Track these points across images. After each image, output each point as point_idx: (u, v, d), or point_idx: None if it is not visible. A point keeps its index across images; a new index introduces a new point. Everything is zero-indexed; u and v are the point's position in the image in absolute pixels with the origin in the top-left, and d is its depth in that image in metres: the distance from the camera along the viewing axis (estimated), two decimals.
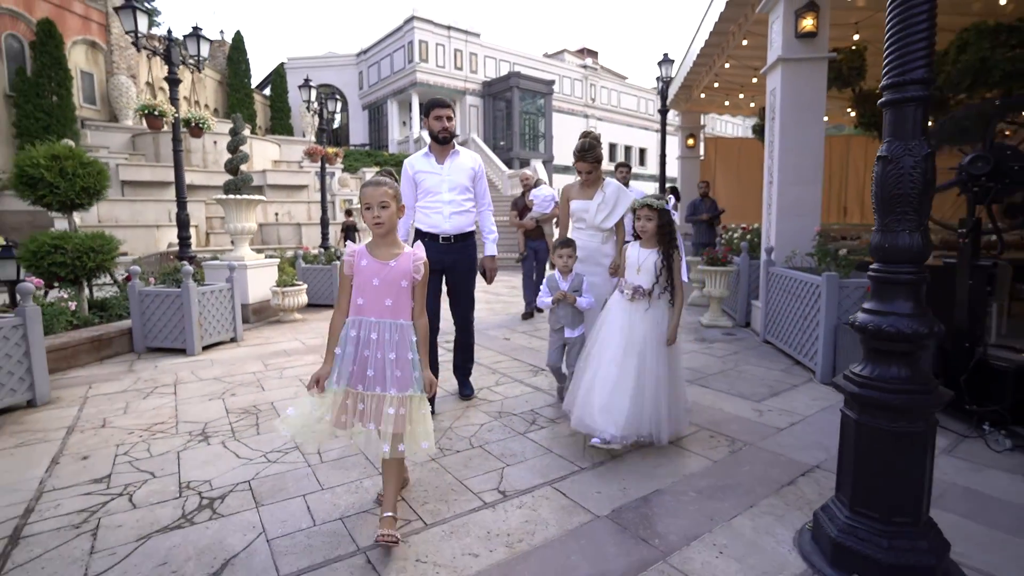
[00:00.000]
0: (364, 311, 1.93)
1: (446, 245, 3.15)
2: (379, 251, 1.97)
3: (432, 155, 3.19)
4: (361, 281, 1.94)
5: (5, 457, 2.66)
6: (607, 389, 2.53)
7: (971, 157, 2.76)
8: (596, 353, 2.66)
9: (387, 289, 1.92)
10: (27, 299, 3.41)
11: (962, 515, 2.06)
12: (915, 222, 1.58)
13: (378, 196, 1.92)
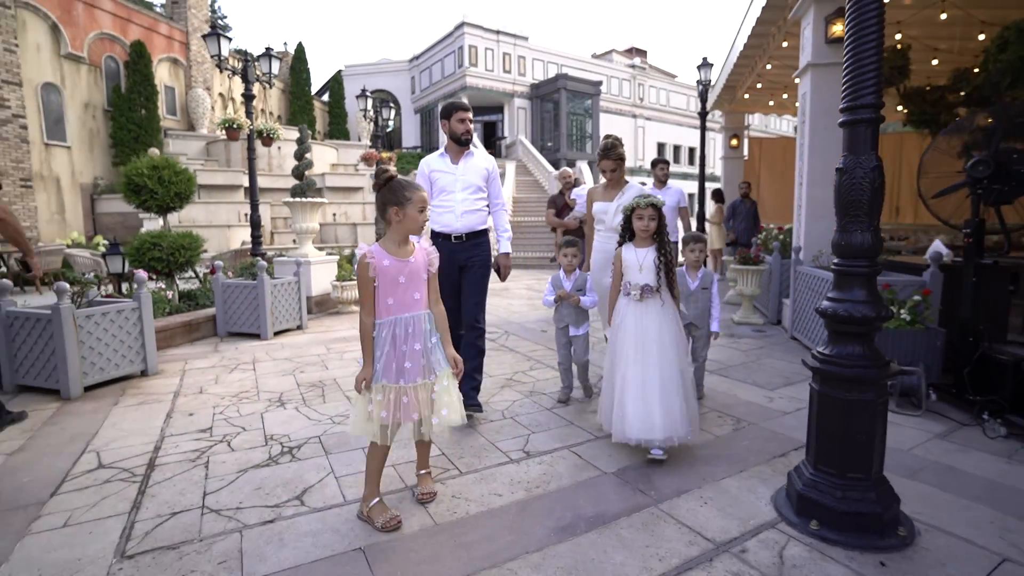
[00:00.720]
0: (394, 310, 2.01)
1: (458, 244, 3.19)
2: (398, 250, 2.03)
3: (448, 155, 3.25)
4: (387, 281, 1.99)
5: (132, 411, 3.32)
6: (638, 397, 2.51)
7: (974, 161, 2.94)
8: (620, 363, 2.62)
9: (413, 284, 2.03)
10: (141, 286, 4.12)
11: (934, 486, 2.30)
12: (867, 223, 1.87)
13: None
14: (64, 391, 3.55)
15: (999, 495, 2.21)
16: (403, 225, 2.04)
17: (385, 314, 2.00)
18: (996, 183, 2.92)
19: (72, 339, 3.54)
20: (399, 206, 2.02)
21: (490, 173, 3.30)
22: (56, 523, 2.07)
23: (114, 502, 2.22)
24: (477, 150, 3.33)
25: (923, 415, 3.10)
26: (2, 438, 2.90)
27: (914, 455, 2.61)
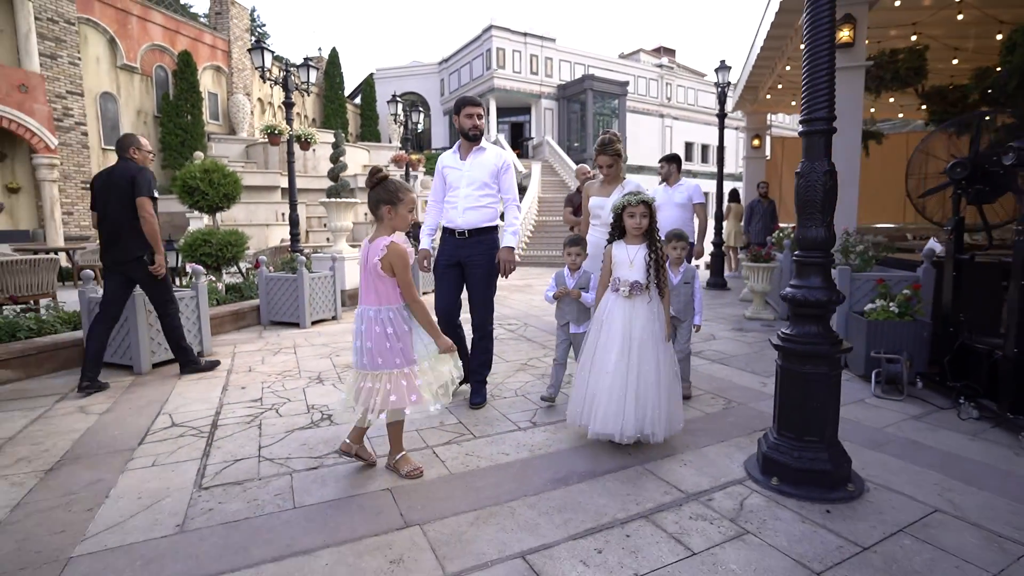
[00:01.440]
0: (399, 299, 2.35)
1: (461, 240, 3.22)
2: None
3: (459, 151, 3.30)
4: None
5: (194, 384, 3.82)
6: (615, 394, 2.54)
7: (952, 163, 3.16)
8: (600, 359, 2.63)
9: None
10: (199, 277, 4.65)
11: (895, 456, 2.57)
12: (821, 220, 2.17)
13: (415, 201, 2.37)
14: (136, 367, 4.09)
15: (950, 463, 2.46)
16: (393, 223, 2.24)
17: (398, 301, 2.30)
18: (974, 184, 3.13)
19: (143, 322, 4.08)
20: (392, 205, 2.22)
21: (500, 168, 3.28)
22: (146, 463, 2.54)
23: (188, 451, 2.69)
24: (491, 146, 3.33)
25: (905, 400, 3.34)
26: (91, 402, 3.43)
27: (885, 432, 2.87)
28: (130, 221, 3.77)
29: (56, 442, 2.80)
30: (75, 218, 13.58)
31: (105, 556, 1.83)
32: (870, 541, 1.88)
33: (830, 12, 2.11)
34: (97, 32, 14.76)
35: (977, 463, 2.48)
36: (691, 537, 1.93)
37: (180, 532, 1.98)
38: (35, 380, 3.93)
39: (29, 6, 12.06)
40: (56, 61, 13.04)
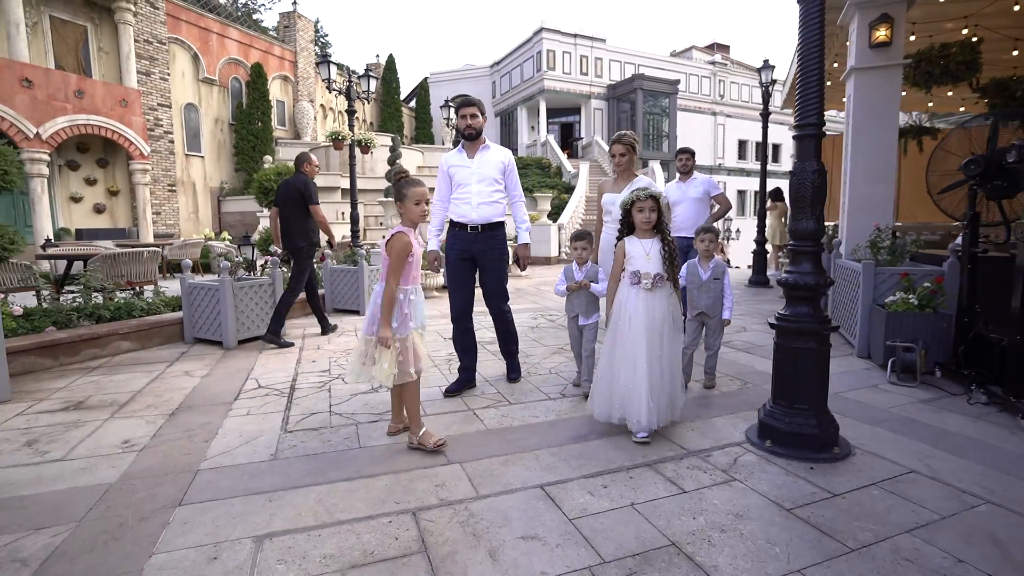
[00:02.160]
0: (411, 280, 2.57)
1: (474, 234, 3.36)
2: (412, 234, 2.56)
3: (464, 151, 3.42)
4: (416, 256, 2.56)
5: (272, 357, 4.47)
6: (652, 387, 2.61)
7: (967, 161, 3.31)
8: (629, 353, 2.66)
9: (419, 261, 2.61)
10: (274, 268, 5.33)
11: (889, 430, 2.80)
12: (810, 213, 2.46)
13: (424, 194, 2.55)
14: (225, 343, 4.79)
15: (943, 439, 2.68)
16: (405, 216, 2.56)
17: (410, 282, 2.53)
18: (990, 180, 3.26)
19: (231, 304, 4.78)
20: (400, 201, 2.55)
21: (506, 166, 3.43)
22: (242, 413, 3.14)
23: (273, 405, 3.27)
24: (494, 144, 3.48)
25: (918, 387, 3.50)
26: (193, 368, 4.12)
27: (889, 412, 3.08)
28: (298, 220, 5.00)
29: (172, 395, 3.46)
30: (163, 217, 15.08)
31: (221, 471, 2.40)
32: (841, 490, 2.17)
33: (820, 31, 2.40)
34: (183, 49, 16.28)
35: (969, 439, 2.68)
36: (685, 480, 2.28)
37: (273, 459, 2.52)
38: (148, 350, 4.70)
39: (131, 30, 13.54)
40: (149, 77, 14.53)
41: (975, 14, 6.47)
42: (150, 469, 2.42)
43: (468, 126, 3.33)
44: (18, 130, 11.14)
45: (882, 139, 5.32)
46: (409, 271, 2.50)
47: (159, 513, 2.04)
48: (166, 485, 2.26)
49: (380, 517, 2.00)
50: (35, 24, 12.33)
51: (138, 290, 5.96)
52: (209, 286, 4.83)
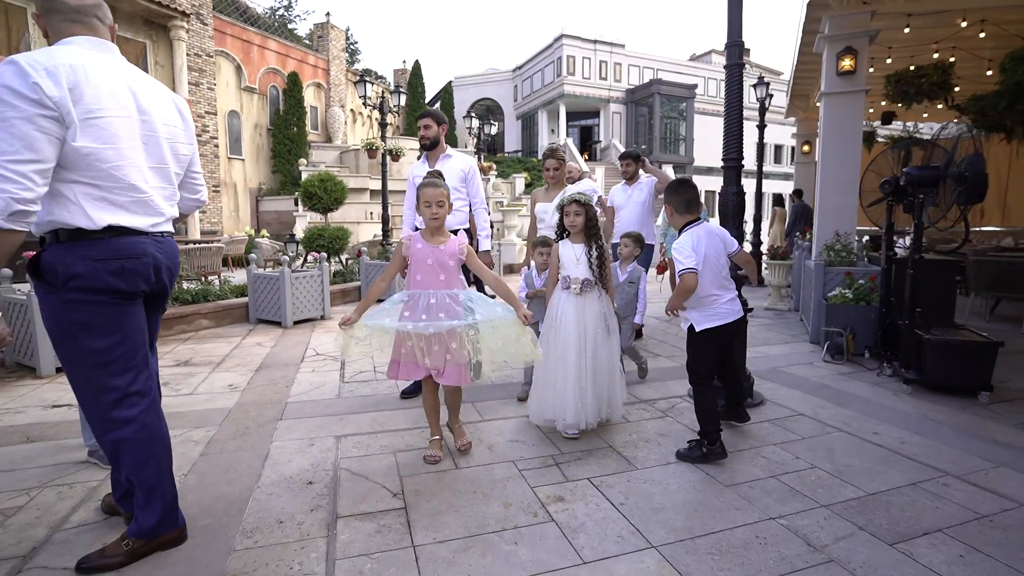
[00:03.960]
0: (421, 285, 2.38)
1: None
2: (431, 239, 2.43)
3: (427, 160, 3.49)
4: (416, 261, 2.38)
5: (324, 334, 5.49)
6: (578, 388, 2.71)
7: (883, 182, 4.09)
8: (559, 356, 2.74)
9: (440, 268, 2.40)
10: (321, 262, 6.36)
11: (801, 390, 3.63)
12: (732, 224, 3.31)
13: (436, 196, 2.37)
14: (283, 323, 5.82)
15: (838, 396, 3.50)
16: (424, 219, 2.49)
17: (413, 287, 2.42)
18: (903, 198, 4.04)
19: (289, 290, 5.81)
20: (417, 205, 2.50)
21: (466, 174, 3.46)
22: (309, 370, 4.13)
23: (331, 366, 4.26)
24: (456, 152, 3.57)
25: (844, 364, 4.31)
26: (262, 340, 5.15)
27: (809, 380, 3.91)
28: None
29: (253, 358, 4.49)
30: (208, 216, 16.40)
31: (303, 403, 3.38)
32: (743, 423, 3.04)
33: (739, 92, 3.26)
34: (227, 60, 17.62)
35: (857, 397, 3.50)
36: (631, 415, 3.17)
37: (337, 398, 3.50)
38: (222, 327, 5.77)
39: (184, 46, 14.87)
40: (198, 87, 15.86)
41: (946, 39, 7.14)
42: (253, 401, 3.42)
43: (423, 136, 3.42)
44: None
45: (847, 155, 6.06)
46: (409, 275, 2.46)
47: (268, 424, 3.02)
48: (267, 409, 3.26)
49: (415, 429, 2.95)
50: None
51: (206, 279, 7.07)
52: (271, 276, 5.87)
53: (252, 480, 2.36)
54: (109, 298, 1.70)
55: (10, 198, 1.43)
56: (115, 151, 1.66)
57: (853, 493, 2.23)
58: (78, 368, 1.73)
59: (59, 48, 1.62)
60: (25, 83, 1.47)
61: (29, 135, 1.47)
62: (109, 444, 1.76)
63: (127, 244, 1.72)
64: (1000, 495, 2.20)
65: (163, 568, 1.76)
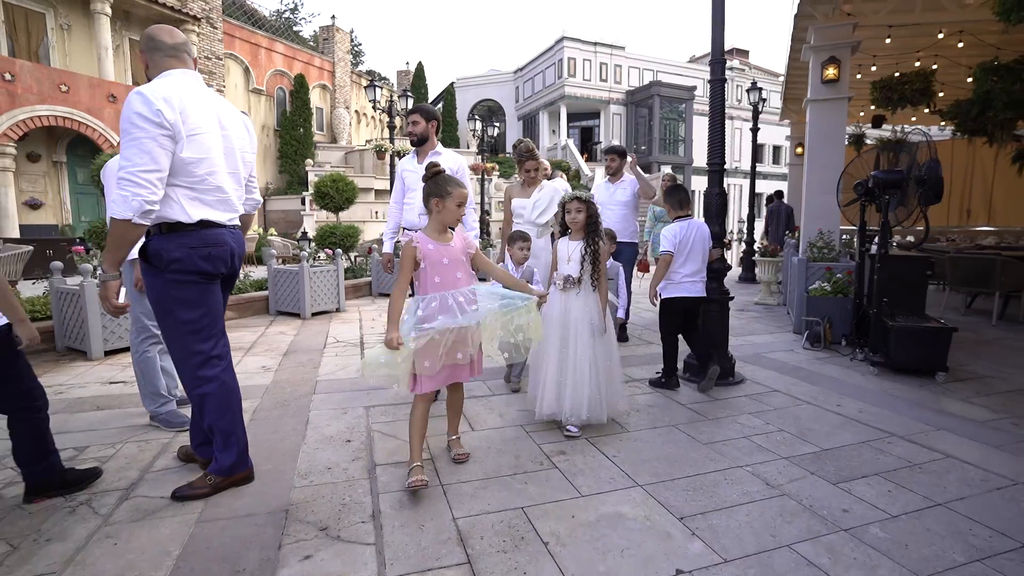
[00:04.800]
0: (440, 287, 2.22)
1: None
2: (439, 237, 2.27)
3: (416, 156, 3.44)
4: (432, 263, 2.22)
5: (341, 324, 5.89)
6: (555, 380, 2.80)
7: (856, 184, 4.49)
8: (542, 348, 2.80)
9: (455, 265, 2.27)
10: (338, 258, 6.75)
11: (779, 372, 4.02)
12: (716, 221, 3.71)
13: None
14: (302, 314, 6.22)
15: (811, 377, 3.90)
16: (441, 216, 2.26)
17: (432, 290, 2.22)
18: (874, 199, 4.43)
19: (308, 284, 6.21)
20: (440, 198, 2.24)
21: (454, 171, 3.29)
22: (332, 355, 4.53)
23: (352, 351, 4.66)
24: (447, 150, 3.50)
25: (822, 350, 4.70)
26: (284, 329, 5.56)
27: (787, 363, 4.30)
28: None
29: (279, 344, 4.89)
30: None
31: (332, 381, 3.78)
32: (722, 397, 3.44)
33: (722, 104, 3.65)
34: (236, 63, 18.03)
35: (829, 377, 3.90)
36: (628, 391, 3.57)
37: (361, 377, 3.89)
38: (245, 318, 6.17)
39: (195, 49, 15.26)
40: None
41: (928, 47, 7.53)
42: (286, 380, 3.82)
43: (411, 132, 3.38)
44: (105, 139, 12.90)
45: (831, 158, 6.46)
46: (425, 278, 2.24)
47: (303, 398, 3.43)
48: (301, 386, 3.66)
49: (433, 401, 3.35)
50: (117, 46, 14.12)
51: None
52: (291, 271, 6.27)
53: (298, 439, 2.76)
54: (199, 278, 2.10)
55: (143, 200, 1.84)
56: (208, 161, 2.07)
57: (810, 449, 2.62)
58: (174, 335, 2.13)
59: (166, 80, 2.02)
60: (150, 109, 1.87)
61: (153, 151, 1.88)
62: (196, 397, 2.16)
63: (213, 235, 2.12)
64: (933, 450, 2.60)
65: (240, 498, 2.16)
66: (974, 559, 1.74)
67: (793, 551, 1.80)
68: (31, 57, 12.56)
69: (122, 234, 1.90)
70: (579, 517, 2.02)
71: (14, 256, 6.28)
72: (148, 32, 2.14)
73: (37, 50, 12.88)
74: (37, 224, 12.45)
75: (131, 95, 1.90)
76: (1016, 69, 5.56)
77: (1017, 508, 2.06)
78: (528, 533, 1.91)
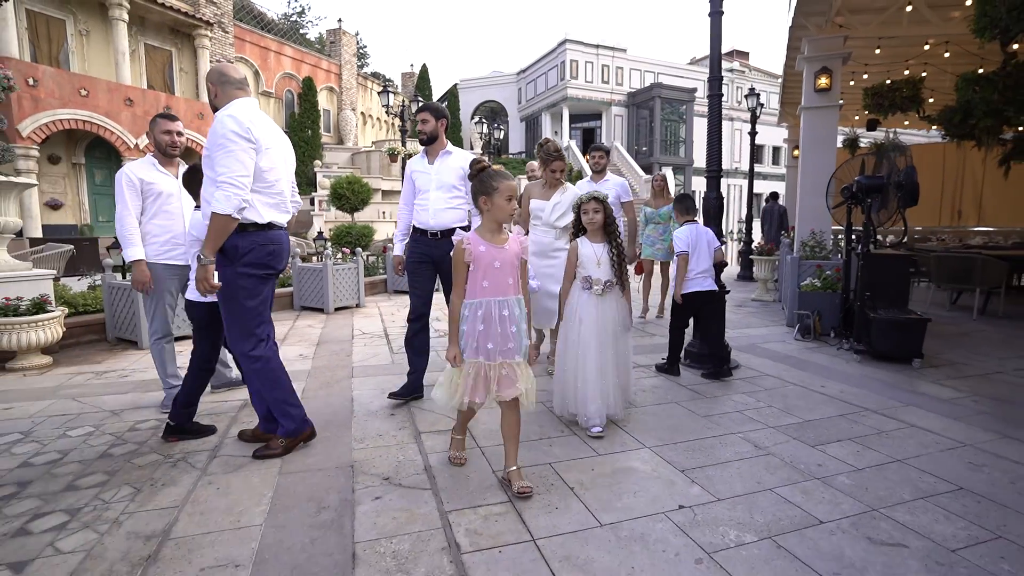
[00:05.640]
0: (489, 292, 2.14)
1: (433, 240, 3.29)
2: (493, 237, 2.20)
3: (426, 156, 3.39)
4: (483, 265, 2.13)
5: (363, 319, 6.29)
6: (600, 387, 2.81)
7: (843, 188, 4.88)
8: (580, 354, 2.83)
9: (507, 270, 2.17)
10: (359, 257, 7.16)
11: (771, 360, 4.42)
12: (714, 223, 4.11)
13: (515, 188, 2.22)
14: (325, 309, 6.63)
15: (799, 364, 4.30)
16: (492, 213, 2.18)
17: (480, 295, 2.14)
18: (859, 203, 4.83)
19: (331, 281, 6.61)
20: (487, 195, 2.16)
21: (466, 172, 3.27)
22: (361, 345, 4.94)
23: (379, 342, 5.06)
24: (457, 149, 3.45)
25: (811, 341, 5.10)
26: (312, 323, 5.96)
27: (779, 352, 4.70)
28: None
29: (310, 335, 5.29)
30: None
31: (366, 367, 4.18)
32: (719, 380, 3.83)
33: (719, 116, 4.05)
34: (247, 66, 18.44)
35: (816, 364, 4.30)
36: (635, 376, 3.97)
37: (391, 363, 4.30)
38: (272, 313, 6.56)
39: (207, 53, 15.69)
40: None
41: (916, 56, 7.92)
42: (325, 365, 4.22)
43: (421, 131, 3.34)
44: (123, 141, 13.32)
45: (824, 162, 6.85)
46: (474, 281, 2.18)
47: (344, 380, 3.83)
48: (339, 371, 4.06)
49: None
50: (132, 51, 14.53)
51: None
52: (315, 268, 6.68)
53: (348, 413, 3.17)
54: (263, 271, 2.50)
55: (240, 199, 2.24)
56: (275, 170, 2.48)
57: (794, 420, 3.02)
58: (235, 319, 2.50)
59: (242, 106, 2.41)
60: (242, 128, 2.28)
61: (245, 161, 2.29)
62: (251, 373, 2.55)
63: (276, 235, 2.53)
64: (900, 421, 3.00)
65: (310, 457, 2.56)
66: (918, 497, 2.14)
67: (774, 493, 2.20)
68: (52, 63, 12.96)
69: (223, 227, 2.29)
70: (597, 470, 2.42)
71: (57, 255, 6.69)
72: (218, 68, 2.53)
73: (58, 56, 13.29)
74: (58, 224, 12.86)
75: (224, 116, 2.32)
76: (994, 79, 5.94)
77: (961, 463, 2.46)
78: (556, 481, 2.31)
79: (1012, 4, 4.46)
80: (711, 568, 1.72)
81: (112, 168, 13.82)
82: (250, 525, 1.98)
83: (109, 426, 2.96)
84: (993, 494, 2.17)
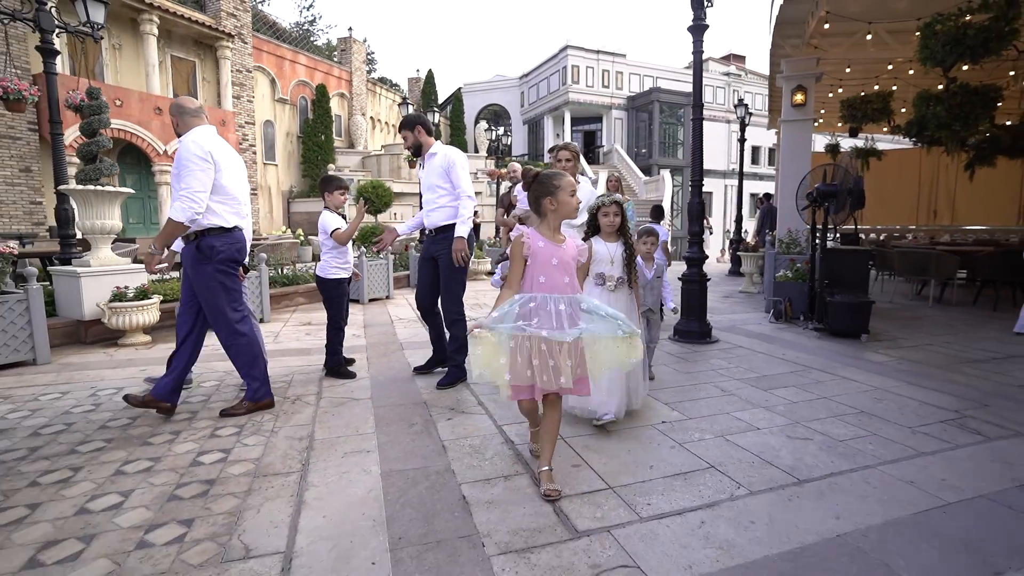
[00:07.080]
0: (545, 288, 2.15)
1: (431, 238, 3.58)
2: (552, 236, 2.22)
3: (422, 164, 3.73)
4: (540, 261, 2.16)
5: (397, 307, 7.18)
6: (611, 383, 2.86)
7: (807, 192, 5.77)
8: None
9: (564, 269, 2.19)
10: (388, 255, 8.05)
11: (746, 336, 5.32)
12: (697, 223, 5.00)
13: (573, 183, 2.21)
14: (361, 300, 7.53)
15: (768, 339, 5.19)
16: (558, 212, 2.19)
17: (537, 290, 2.15)
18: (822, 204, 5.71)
19: (366, 275, 7.51)
20: (551, 195, 2.17)
21: (446, 168, 3.50)
22: (402, 327, 5.84)
23: (417, 325, 5.95)
24: (441, 147, 3.61)
25: (782, 323, 6.00)
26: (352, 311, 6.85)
27: (753, 331, 5.59)
28: None
29: (356, 320, 6.19)
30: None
31: (412, 344, 5.08)
32: (701, 350, 4.73)
33: (700, 132, 4.94)
34: (264, 75, 19.34)
35: (782, 339, 5.20)
36: None
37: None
38: (312, 303, 7.46)
39: (228, 63, 16.59)
40: (239, 101, 17.58)
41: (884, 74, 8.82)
42: (377, 342, 5.12)
43: (405, 147, 3.65)
44: (153, 148, 14.22)
45: (800, 169, 7.73)
46: (529, 276, 2.19)
47: (396, 352, 4.72)
48: (391, 346, 4.96)
49: None
50: (160, 63, 15.43)
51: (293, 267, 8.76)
52: None
53: (409, 372, 4.07)
54: (234, 266, 3.17)
55: (195, 212, 2.83)
56: (235, 184, 3.13)
57: (754, 375, 3.92)
58: (215, 305, 3.13)
59: (202, 133, 2.94)
60: (203, 151, 2.92)
61: (204, 179, 2.84)
62: (232, 348, 3.20)
63: (239, 235, 3.20)
64: (836, 375, 3.90)
65: (391, 397, 3.46)
66: (830, 416, 3.05)
67: (730, 416, 3.10)
68: (89, 75, 13.85)
69: (174, 230, 2.86)
70: None
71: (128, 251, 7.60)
72: (177, 102, 3.05)
73: (93, 68, 14.19)
74: None
75: (188, 142, 2.88)
76: (943, 98, 6.83)
77: (869, 398, 3.37)
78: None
79: (947, 40, 5.37)
80: (681, 451, 2.62)
81: (142, 174, 14.77)
82: (366, 433, 2.88)
83: (229, 380, 3.86)
84: (883, 413, 3.08)
